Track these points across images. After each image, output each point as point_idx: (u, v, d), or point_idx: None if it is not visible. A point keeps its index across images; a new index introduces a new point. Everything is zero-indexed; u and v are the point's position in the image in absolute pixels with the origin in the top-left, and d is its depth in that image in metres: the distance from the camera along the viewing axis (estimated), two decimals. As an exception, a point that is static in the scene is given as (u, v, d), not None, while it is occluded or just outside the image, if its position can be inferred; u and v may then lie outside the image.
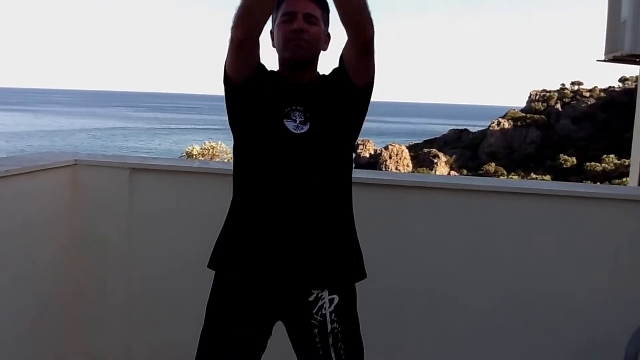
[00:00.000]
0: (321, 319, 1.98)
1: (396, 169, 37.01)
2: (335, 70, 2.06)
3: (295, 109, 1.98)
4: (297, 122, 1.97)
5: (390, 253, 3.14)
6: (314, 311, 1.99)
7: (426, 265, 3.13)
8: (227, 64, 1.97)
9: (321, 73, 2.11)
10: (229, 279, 2.04)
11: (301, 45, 1.98)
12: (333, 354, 1.97)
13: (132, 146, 51.91)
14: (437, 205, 3.13)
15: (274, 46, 2.07)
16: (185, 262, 3.31)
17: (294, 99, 1.99)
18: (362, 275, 2.09)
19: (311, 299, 1.99)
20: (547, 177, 31.87)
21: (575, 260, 3.03)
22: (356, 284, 2.10)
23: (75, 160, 3.35)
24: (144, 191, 3.33)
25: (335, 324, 1.99)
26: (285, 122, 1.97)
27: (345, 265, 2.05)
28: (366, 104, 2.06)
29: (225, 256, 2.06)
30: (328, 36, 2.08)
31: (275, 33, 2.04)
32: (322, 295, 1.99)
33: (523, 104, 45.07)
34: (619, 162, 32.89)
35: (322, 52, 2.07)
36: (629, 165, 11.23)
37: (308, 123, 1.97)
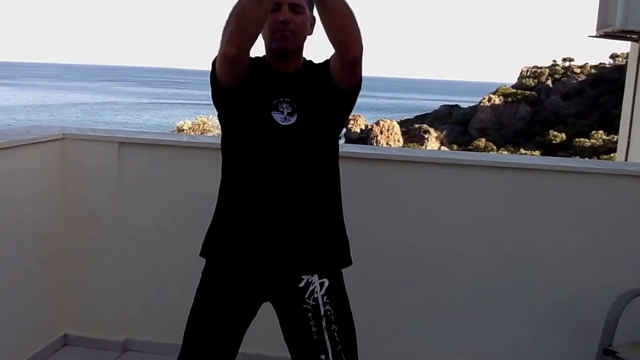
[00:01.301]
0: (314, 303, 2.00)
1: (387, 144, 37.01)
2: (325, 64, 2.04)
3: (283, 101, 1.99)
4: (285, 113, 1.98)
5: (380, 225, 3.19)
6: (306, 296, 2.01)
7: (415, 237, 3.18)
8: (217, 71, 1.94)
9: (308, 59, 2.10)
10: (219, 266, 2.07)
11: (287, 37, 1.97)
12: (327, 337, 1.99)
13: (121, 121, 51.50)
14: (427, 179, 3.16)
15: None
16: (174, 235, 3.33)
17: (282, 91, 1.99)
18: (348, 262, 2.12)
19: (302, 284, 2.01)
20: (537, 152, 32.00)
21: (562, 231, 3.08)
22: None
23: (64, 134, 3.35)
24: (133, 165, 3.34)
25: (328, 307, 2.01)
26: (273, 114, 1.97)
27: (333, 251, 2.08)
28: (351, 104, 2.06)
29: (215, 245, 2.09)
30: (314, 19, 2.06)
31: None
32: (312, 280, 2.02)
33: (514, 80, 45.06)
34: (607, 138, 33.04)
35: (308, 36, 2.06)
36: (617, 142, 11.30)
37: (295, 114, 1.98)
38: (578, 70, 42.54)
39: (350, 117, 39.15)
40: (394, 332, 3.25)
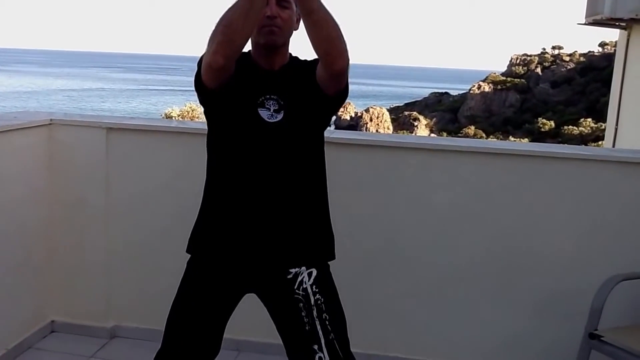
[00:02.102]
0: (304, 293, 2.01)
1: (377, 131, 36.99)
2: (312, 63, 2.03)
3: (270, 98, 1.99)
4: (271, 110, 1.98)
5: (368, 211, 3.19)
6: (295, 287, 2.01)
7: (403, 224, 3.19)
8: (203, 76, 1.93)
9: (294, 55, 2.09)
10: (204, 261, 2.07)
11: (274, 32, 1.96)
12: (319, 326, 2.00)
13: (108, 108, 51.09)
14: (415, 165, 3.17)
15: None
16: (162, 220, 3.33)
17: (268, 88, 1.99)
18: (332, 256, 2.13)
19: (290, 276, 2.02)
20: (525, 140, 32.06)
21: (548, 217, 3.09)
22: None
23: (51, 119, 3.33)
24: (121, 151, 3.32)
25: (318, 296, 2.02)
26: (260, 111, 1.97)
27: (320, 245, 2.09)
28: (337, 107, 2.06)
29: (201, 241, 2.09)
30: (299, 14, 2.03)
31: None
32: (300, 272, 2.02)
33: (504, 68, 45.11)
34: (595, 126, 33.19)
35: (295, 31, 2.05)
36: (605, 129, 11.37)
37: (282, 111, 1.98)
38: (567, 58, 42.62)
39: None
40: (382, 321, 3.26)
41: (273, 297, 2.07)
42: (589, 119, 34.79)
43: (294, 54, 2.11)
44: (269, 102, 1.98)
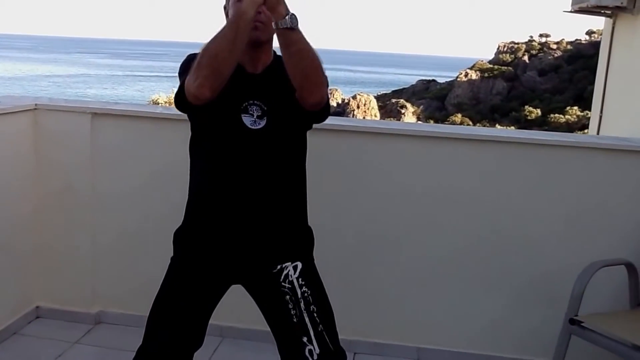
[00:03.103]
0: (290, 286, 2.01)
1: (363, 118, 36.98)
2: None
3: (253, 103, 1.96)
4: (255, 116, 1.96)
5: (354, 197, 3.21)
6: (281, 280, 2.02)
7: (389, 209, 3.20)
8: (188, 97, 1.89)
9: (279, 54, 2.03)
10: (189, 260, 2.07)
11: (257, 27, 1.93)
12: (307, 319, 2.00)
13: (93, 94, 50.57)
14: (401, 151, 3.18)
15: None
16: (149, 207, 3.33)
17: (252, 93, 1.96)
18: (312, 257, 2.14)
19: (275, 270, 2.03)
20: (512, 128, 32.20)
21: (530, 204, 3.12)
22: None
23: (36, 104, 3.31)
24: (106, 137, 3.31)
25: (304, 288, 2.02)
26: (243, 118, 1.95)
27: (302, 241, 2.11)
28: (317, 120, 2.05)
29: (185, 243, 2.09)
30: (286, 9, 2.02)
31: (230, 12, 1.95)
32: (285, 266, 2.03)
33: (491, 56, 45.13)
34: (582, 114, 33.33)
35: None
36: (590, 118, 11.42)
37: (265, 117, 1.96)
38: (554, 46, 42.70)
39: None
40: (369, 307, 3.28)
41: (260, 290, 2.08)
42: (576, 107, 34.93)
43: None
44: (252, 107, 1.96)
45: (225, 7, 2.01)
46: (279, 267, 2.03)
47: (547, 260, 3.13)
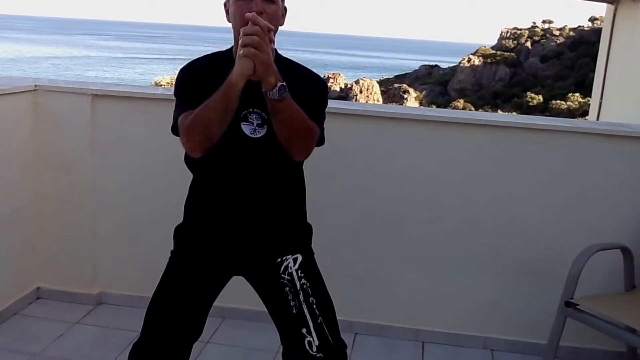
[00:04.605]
0: (289, 278, 2.02)
1: (366, 103, 36.91)
2: (305, 83, 1.97)
3: (253, 112, 1.93)
4: (255, 124, 1.93)
5: (354, 180, 3.22)
6: (281, 271, 2.03)
7: (390, 192, 3.22)
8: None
9: (282, 54, 2.02)
10: (189, 256, 2.08)
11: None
12: (306, 310, 2.01)
13: (94, 76, 50.33)
14: (401, 135, 3.19)
15: (228, 20, 1.96)
16: (150, 188, 3.34)
17: (251, 101, 1.90)
18: (311, 251, 2.14)
19: (275, 263, 2.03)
20: (514, 114, 32.14)
21: (528, 188, 3.14)
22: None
23: (36, 85, 3.31)
24: (107, 118, 3.32)
25: (303, 280, 2.02)
26: (242, 126, 1.92)
27: (302, 238, 2.12)
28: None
29: (184, 239, 2.09)
30: (285, 10, 2.01)
31: (231, 10, 1.93)
32: (285, 258, 2.04)
33: (494, 42, 44.96)
34: (583, 100, 33.22)
35: (280, 27, 1.98)
36: (592, 104, 11.39)
37: (265, 125, 1.92)
38: (557, 33, 42.53)
39: (330, 76, 38.94)
40: (369, 289, 3.31)
41: (260, 282, 2.09)
42: (577, 94, 34.83)
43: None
44: (252, 115, 1.93)
45: (225, 4, 1.98)
46: (278, 260, 2.03)
47: (544, 243, 3.15)
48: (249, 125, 1.93)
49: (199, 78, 1.95)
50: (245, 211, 2.00)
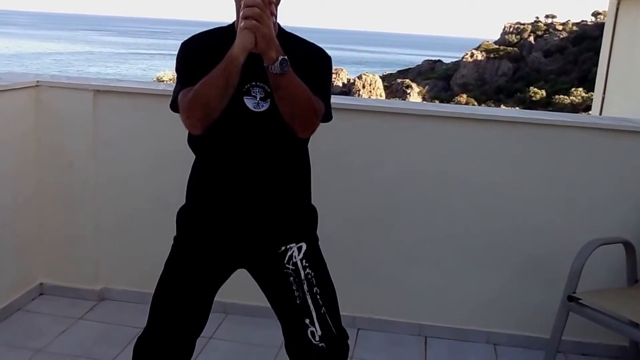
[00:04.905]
0: (293, 267, 2.00)
1: (369, 98, 36.85)
2: (311, 57, 1.95)
3: (256, 85, 1.89)
4: (257, 98, 1.90)
5: (357, 175, 3.22)
6: (285, 261, 2.01)
7: (392, 187, 3.22)
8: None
9: (285, 28, 1.99)
10: (193, 241, 2.05)
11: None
12: (310, 301, 2.00)
13: (96, 72, 50.23)
14: (404, 130, 3.18)
15: None
16: (152, 184, 3.34)
17: (254, 74, 1.87)
18: (316, 237, 2.12)
19: (279, 251, 2.02)
20: (517, 109, 32.08)
21: (531, 182, 3.13)
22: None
23: (38, 81, 3.31)
24: (109, 114, 3.32)
25: (308, 270, 2.01)
26: (245, 100, 1.89)
27: (306, 222, 2.09)
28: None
29: (188, 225, 2.06)
30: None
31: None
32: (290, 247, 2.02)
33: (497, 36, 44.91)
34: (586, 95, 33.19)
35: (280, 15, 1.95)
36: (595, 98, 11.37)
37: (268, 99, 1.89)
38: (560, 27, 42.47)
39: (332, 71, 38.90)
40: (372, 284, 3.31)
41: (263, 272, 2.07)
42: (580, 89, 34.79)
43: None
44: (255, 89, 1.90)
45: None
46: (283, 248, 2.01)
47: (547, 238, 3.15)
48: (252, 99, 1.90)
49: (200, 53, 1.93)
50: (249, 188, 1.97)
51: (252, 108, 1.90)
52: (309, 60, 1.93)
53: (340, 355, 2.06)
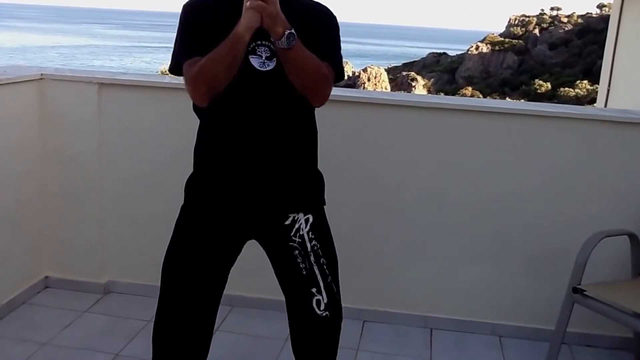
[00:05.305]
0: (300, 240, 2.01)
1: (374, 91, 36.73)
2: (320, 16, 1.96)
3: (261, 44, 1.88)
4: (263, 57, 1.88)
5: (363, 166, 3.22)
6: (292, 234, 2.01)
7: (396, 179, 3.22)
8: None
9: None
10: (202, 209, 2.04)
11: None
12: (317, 271, 2.02)
13: (99, 65, 50.16)
14: (408, 122, 3.18)
15: None
16: (155, 176, 3.34)
17: (260, 33, 1.84)
18: (323, 202, 2.13)
19: (287, 222, 2.02)
20: (522, 101, 31.99)
21: (536, 175, 3.12)
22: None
23: (42, 74, 3.31)
24: (114, 107, 3.32)
25: (314, 242, 2.03)
26: (251, 59, 1.87)
27: (314, 190, 2.10)
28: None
29: (197, 191, 2.05)
30: None
31: None
32: (297, 218, 2.02)
33: (502, 29, 44.73)
34: (591, 88, 33.06)
35: None
36: (600, 91, 11.33)
37: (275, 58, 1.87)
38: (565, 20, 42.29)
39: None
40: (377, 277, 3.31)
41: (271, 244, 2.07)
42: (585, 81, 34.66)
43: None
44: (260, 48, 1.88)
45: None
46: (290, 219, 2.01)
47: (552, 230, 3.14)
48: (258, 58, 1.89)
49: (202, 17, 1.93)
50: (256, 149, 1.95)
51: (257, 67, 1.89)
52: (316, 23, 1.94)
53: (340, 322, 2.11)
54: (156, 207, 3.34)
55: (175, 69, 1.94)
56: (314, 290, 2.02)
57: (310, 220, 2.04)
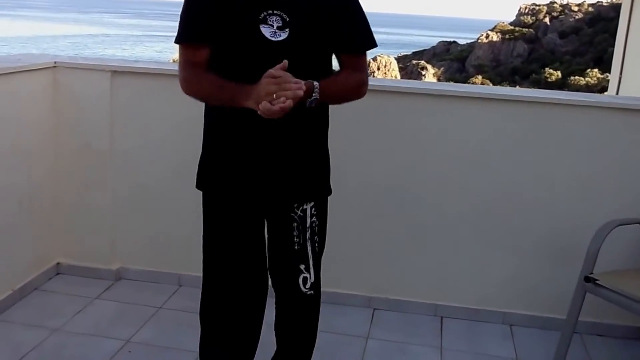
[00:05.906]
0: (302, 214, 2.00)
1: (384, 79, 36.61)
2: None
3: (273, 13, 1.82)
4: (275, 27, 1.82)
5: (374, 154, 3.21)
6: (296, 206, 2.00)
7: (407, 167, 3.21)
8: None
9: None
10: (217, 195, 2.05)
11: None
12: (309, 248, 2.02)
13: (113, 54, 50.23)
14: (420, 110, 3.17)
15: None
16: (167, 163, 3.35)
17: (271, 2, 1.82)
18: (330, 191, 2.13)
19: (295, 205, 2.02)
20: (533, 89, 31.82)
21: (548, 163, 3.11)
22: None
23: (55, 62, 3.32)
24: (126, 94, 3.32)
25: (314, 219, 2.02)
26: (262, 28, 1.82)
27: (322, 179, 2.08)
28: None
29: (208, 175, 2.05)
30: None
31: None
32: (305, 205, 2.02)
33: (513, 18, 44.50)
34: (602, 76, 32.85)
35: None
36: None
37: (287, 29, 1.82)
38: (576, 8, 41.99)
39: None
40: (388, 265, 3.31)
41: (275, 214, 2.05)
42: (596, 70, 34.44)
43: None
44: (271, 18, 1.83)
45: None
46: (300, 207, 2.01)
47: (563, 218, 3.13)
48: (269, 27, 1.83)
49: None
50: (268, 125, 1.84)
51: (269, 37, 1.84)
52: (339, 4, 1.93)
53: (320, 301, 2.12)
54: (167, 195, 3.35)
55: (178, 39, 1.97)
56: (302, 267, 2.01)
57: (316, 201, 2.04)
